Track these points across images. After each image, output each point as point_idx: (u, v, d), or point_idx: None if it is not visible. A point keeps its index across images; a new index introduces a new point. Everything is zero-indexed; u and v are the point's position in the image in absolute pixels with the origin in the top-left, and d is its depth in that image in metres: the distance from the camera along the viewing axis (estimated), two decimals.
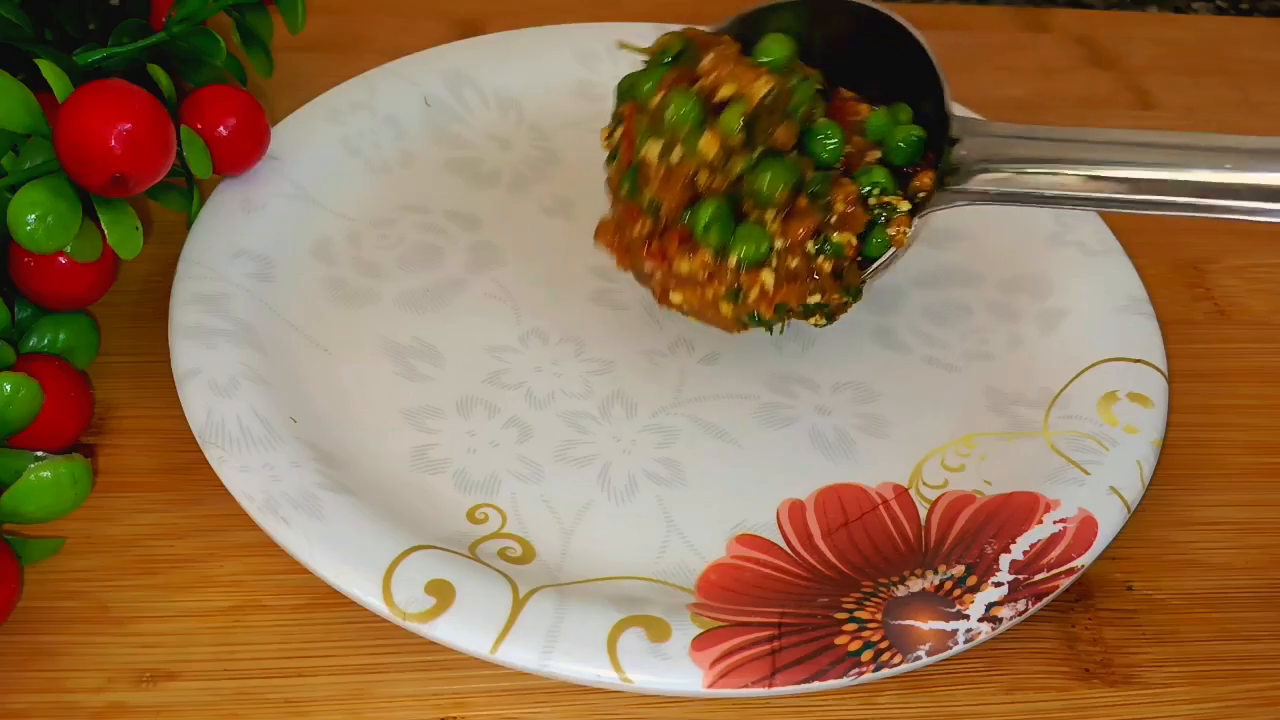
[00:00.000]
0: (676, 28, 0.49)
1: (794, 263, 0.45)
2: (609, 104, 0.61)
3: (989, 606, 0.41)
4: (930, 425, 0.49)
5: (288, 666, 0.42)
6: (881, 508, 0.46)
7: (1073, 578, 0.42)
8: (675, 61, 0.46)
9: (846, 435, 0.49)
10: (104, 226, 0.45)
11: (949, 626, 0.41)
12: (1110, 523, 0.44)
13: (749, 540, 0.45)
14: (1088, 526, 0.44)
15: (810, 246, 0.45)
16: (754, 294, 0.45)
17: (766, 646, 0.40)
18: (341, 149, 0.57)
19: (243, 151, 0.52)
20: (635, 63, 0.47)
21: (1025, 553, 0.43)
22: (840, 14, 0.48)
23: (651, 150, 0.45)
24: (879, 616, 0.41)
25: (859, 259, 0.47)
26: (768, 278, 0.45)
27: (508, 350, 0.51)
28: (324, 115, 0.57)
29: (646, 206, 0.46)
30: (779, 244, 0.45)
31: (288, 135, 0.56)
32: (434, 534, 0.43)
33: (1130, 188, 0.44)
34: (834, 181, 0.46)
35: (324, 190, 0.55)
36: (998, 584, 0.42)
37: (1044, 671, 0.43)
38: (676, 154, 0.44)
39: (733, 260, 0.45)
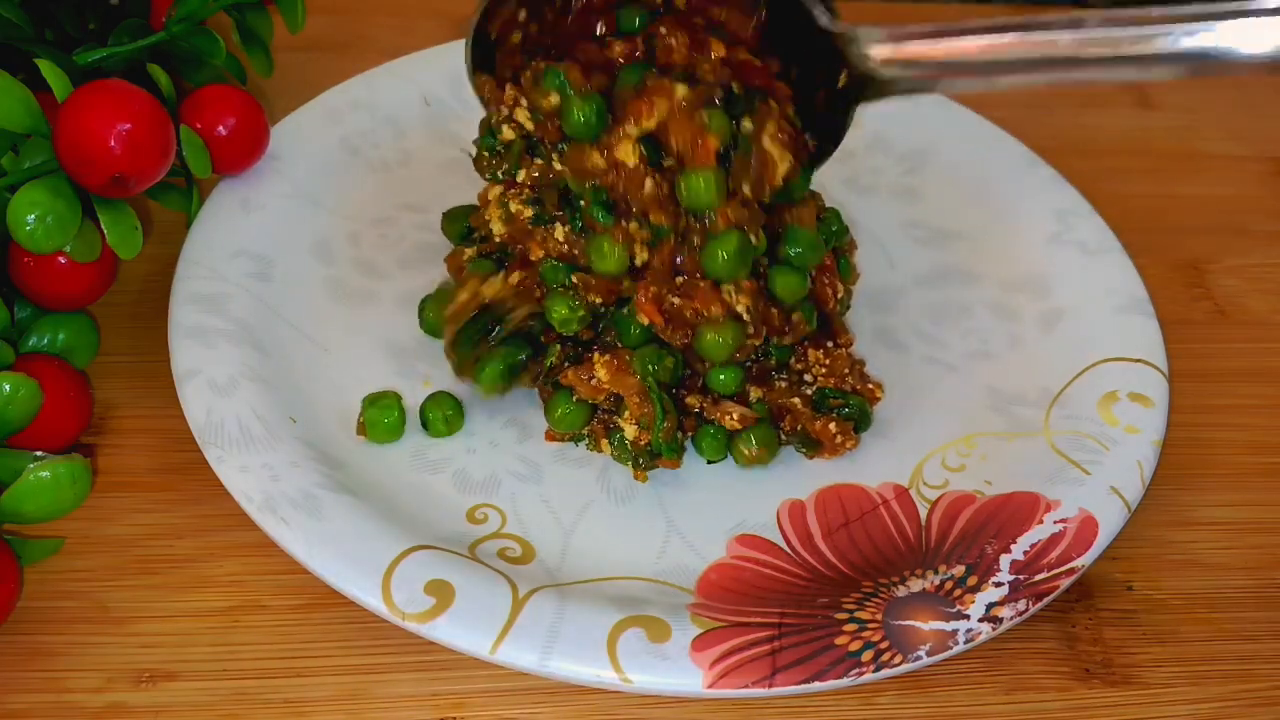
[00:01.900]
0: None
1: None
2: None
3: (989, 606, 0.41)
4: (930, 425, 0.49)
5: (287, 667, 0.42)
6: (881, 508, 0.46)
7: (1073, 578, 0.42)
8: None
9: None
10: (104, 226, 0.45)
11: (949, 626, 0.41)
12: (1111, 523, 0.44)
13: (749, 540, 0.45)
14: (1088, 526, 0.44)
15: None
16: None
17: (766, 647, 0.40)
18: (341, 149, 0.57)
19: (242, 151, 0.52)
20: None
21: (1025, 553, 0.43)
22: None
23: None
24: (879, 616, 0.41)
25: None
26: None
27: None
28: (324, 115, 0.57)
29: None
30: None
31: (287, 135, 0.56)
32: (433, 534, 0.43)
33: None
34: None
35: (323, 190, 0.55)
36: (998, 584, 0.42)
37: (1044, 672, 0.43)
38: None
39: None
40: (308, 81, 0.59)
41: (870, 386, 0.49)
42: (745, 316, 0.45)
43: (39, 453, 0.40)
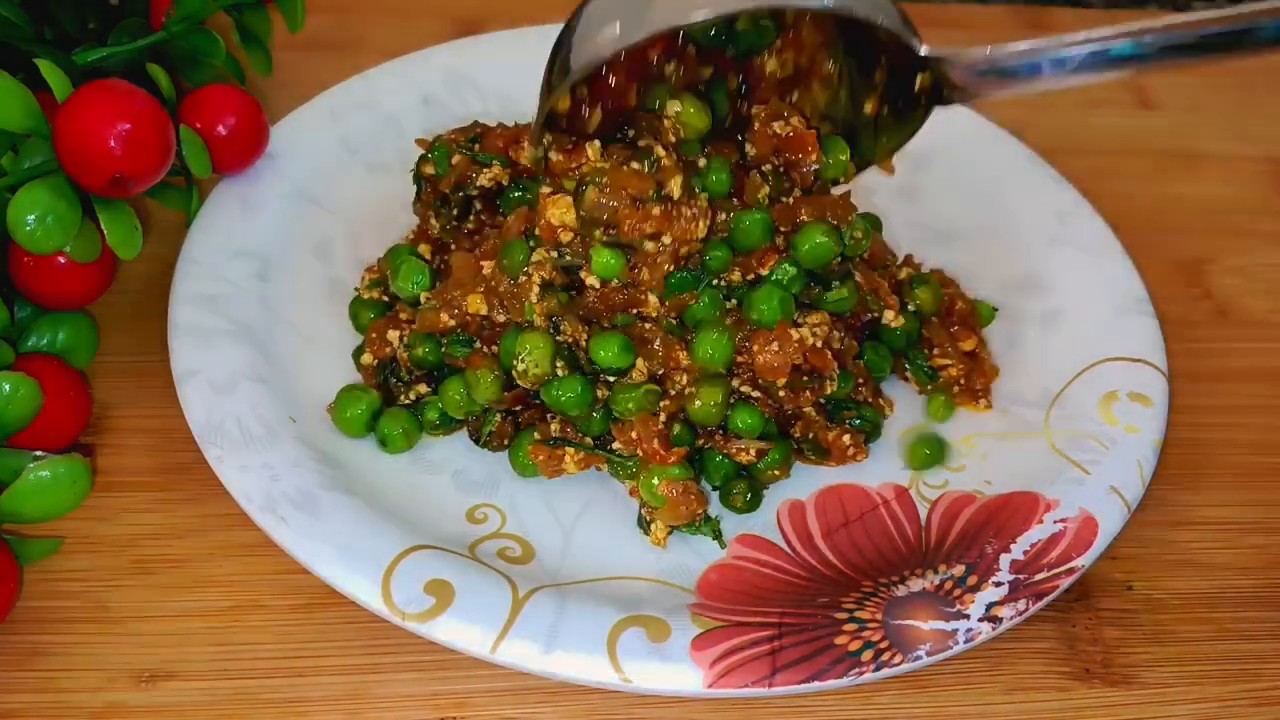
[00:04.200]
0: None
1: None
2: None
3: (989, 606, 0.41)
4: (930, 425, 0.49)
5: (286, 666, 0.42)
6: (881, 508, 0.46)
7: (1073, 577, 0.42)
8: None
9: None
10: (104, 226, 0.45)
11: (949, 626, 0.41)
12: (1110, 522, 0.44)
13: (749, 540, 0.45)
14: (1088, 526, 0.44)
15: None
16: None
17: (766, 646, 0.40)
18: (341, 148, 0.57)
19: (242, 151, 0.52)
20: None
21: (1025, 552, 0.43)
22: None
23: None
24: (879, 616, 0.41)
25: None
26: None
27: None
28: (323, 114, 0.57)
29: None
30: None
31: (287, 134, 0.56)
32: (433, 534, 0.43)
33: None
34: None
35: (323, 189, 0.55)
36: (998, 584, 0.42)
37: (1044, 671, 0.43)
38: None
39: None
40: (307, 81, 0.59)
41: (881, 403, 0.49)
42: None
43: (39, 452, 0.40)
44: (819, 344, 0.45)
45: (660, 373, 0.45)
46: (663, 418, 0.44)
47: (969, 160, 0.60)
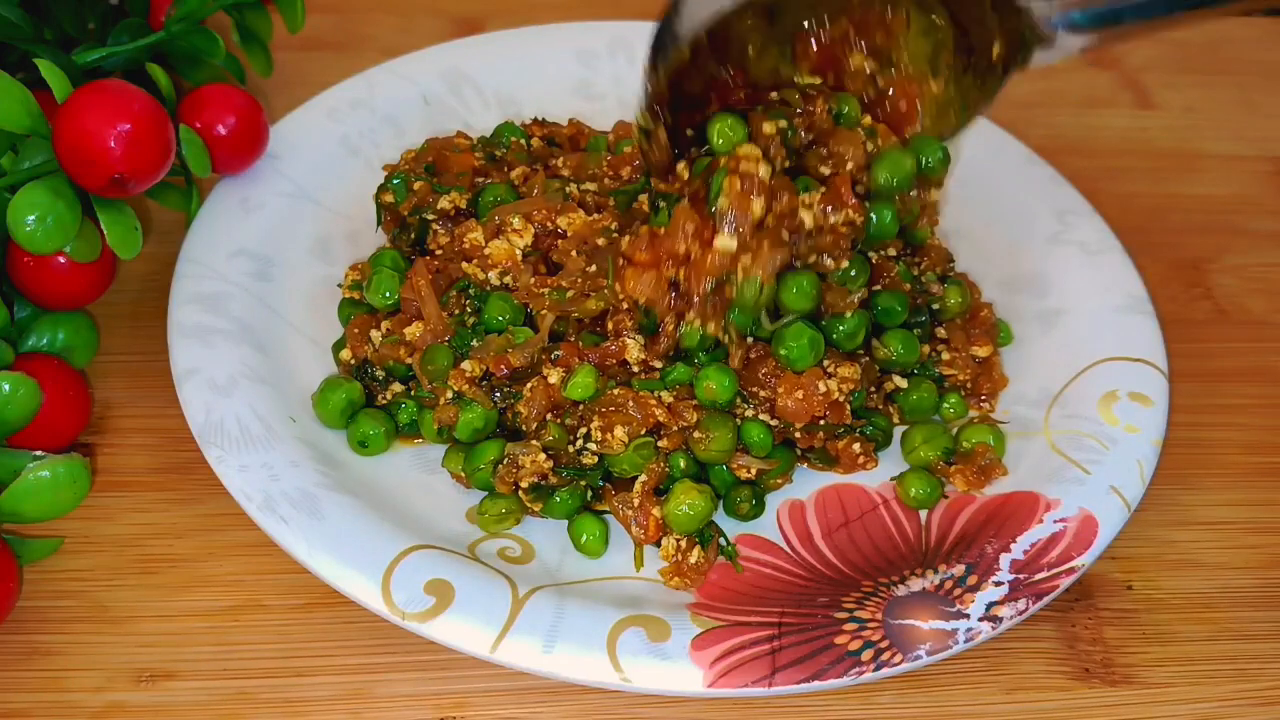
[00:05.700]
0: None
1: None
2: (607, 102, 0.61)
3: (989, 606, 0.41)
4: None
5: (286, 666, 0.42)
6: (881, 507, 0.46)
7: (1073, 577, 0.42)
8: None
9: None
10: (103, 227, 0.45)
11: (949, 626, 0.41)
12: (1111, 522, 0.44)
13: (749, 540, 0.45)
14: (1088, 526, 0.44)
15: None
16: None
17: (766, 646, 0.40)
18: (341, 148, 0.57)
19: (242, 150, 0.52)
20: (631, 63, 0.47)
21: (1025, 552, 0.43)
22: None
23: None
24: (879, 616, 0.41)
25: None
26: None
27: None
28: (323, 114, 0.57)
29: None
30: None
31: (287, 134, 0.56)
32: (433, 534, 0.43)
33: None
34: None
35: (323, 189, 0.55)
36: (998, 583, 0.42)
37: (1044, 671, 0.43)
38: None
39: None
40: (307, 81, 0.59)
41: (890, 410, 0.49)
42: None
43: (38, 452, 0.40)
44: (842, 399, 0.45)
45: (651, 425, 0.45)
46: (648, 487, 0.44)
47: (969, 160, 0.60)
